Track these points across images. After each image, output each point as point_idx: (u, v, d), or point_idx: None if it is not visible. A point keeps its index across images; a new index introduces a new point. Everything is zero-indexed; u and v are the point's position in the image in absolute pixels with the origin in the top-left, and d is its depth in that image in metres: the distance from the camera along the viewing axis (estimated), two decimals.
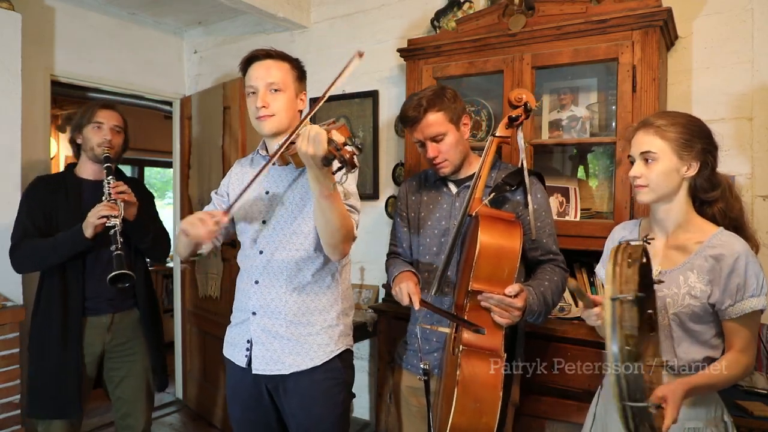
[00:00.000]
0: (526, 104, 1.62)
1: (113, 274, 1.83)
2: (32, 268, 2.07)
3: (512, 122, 1.64)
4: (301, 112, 1.63)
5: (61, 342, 1.98)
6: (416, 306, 1.52)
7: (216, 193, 1.75)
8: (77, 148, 2.15)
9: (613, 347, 1.02)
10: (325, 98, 1.42)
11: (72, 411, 2.00)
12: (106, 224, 1.90)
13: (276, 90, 1.53)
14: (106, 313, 2.07)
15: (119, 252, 1.88)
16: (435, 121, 1.62)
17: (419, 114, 1.62)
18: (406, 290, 1.56)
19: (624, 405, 1.02)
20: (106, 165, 2.03)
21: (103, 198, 1.96)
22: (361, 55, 1.32)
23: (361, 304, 2.97)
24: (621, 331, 1.02)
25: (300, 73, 1.62)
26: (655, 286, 1.26)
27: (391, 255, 1.89)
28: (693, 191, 1.34)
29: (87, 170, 2.13)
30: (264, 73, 1.53)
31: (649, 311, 1.24)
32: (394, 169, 2.96)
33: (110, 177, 2.00)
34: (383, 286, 1.77)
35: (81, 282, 2.02)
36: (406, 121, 1.67)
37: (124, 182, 2.05)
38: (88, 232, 1.90)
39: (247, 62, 1.57)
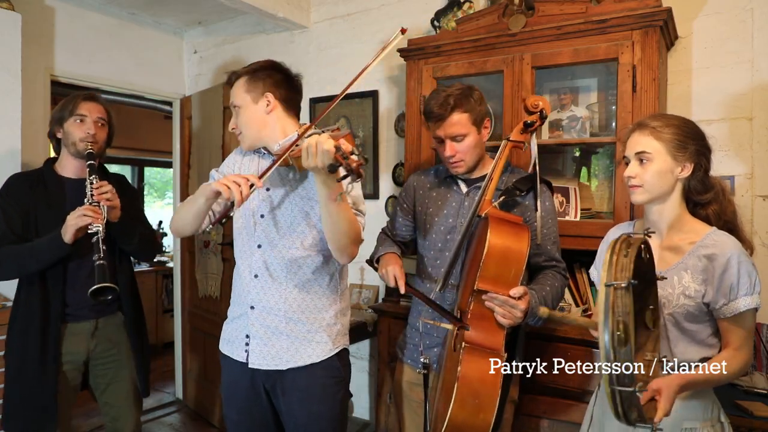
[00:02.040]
0: (542, 111, 1.65)
1: (94, 287, 1.72)
2: (10, 275, 1.94)
3: (527, 128, 1.66)
4: (270, 114, 1.61)
5: (39, 352, 1.88)
6: (402, 290, 1.57)
7: (217, 171, 1.72)
8: (57, 143, 2.02)
9: (604, 332, 1.04)
10: (344, 92, 1.45)
11: (47, 424, 1.90)
12: (88, 230, 1.79)
13: (235, 106, 1.57)
14: (89, 319, 1.97)
15: (102, 262, 1.75)
16: (459, 121, 1.63)
17: (445, 112, 1.63)
18: (392, 273, 1.60)
19: (613, 389, 1.04)
20: (89, 163, 1.90)
21: (85, 200, 1.84)
22: (403, 31, 1.33)
23: (361, 304, 2.97)
24: (613, 317, 1.04)
25: (254, 77, 1.61)
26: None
27: (383, 233, 1.93)
28: (686, 193, 1.36)
29: (68, 167, 2.00)
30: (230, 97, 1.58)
31: (651, 307, 1.25)
32: (394, 169, 2.96)
33: (93, 177, 1.88)
34: (369, 261, 1.81)
35: (61, 289, 1.91)
36: (431, 116, 1.67)
37: (107, 181, 1.93)
38: (68, 237, 1.79)
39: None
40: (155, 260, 5.22)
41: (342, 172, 1.19)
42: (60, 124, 1.98)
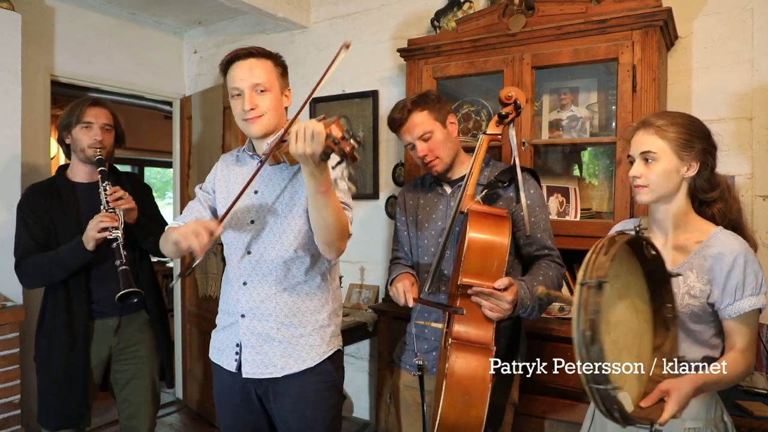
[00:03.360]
0: (515, 101, 1.63)
1: (120, 293, 1.78)
2: (39, 284, 2.01)
3: (502, 119, 1.65)
4: (287, 109, 1.61)
5: (68, 348, 1.93)
6: (410, 303, 1.56)
7: (200, 188, 1.69)
8: (67, 149, 2.06)
9: (576, 331, 1.03)
10: (313, 95, 1.42)
11: (81, 419, 1.96)
12: (108, 237, 1.84)
13: (262, 90, 1.49)
14: (113, 315, 2.01)
15: (124, 267, 1.81)
16: (420, 120, 1.66)
17: (404, 115, 1.68)
18: (402, 289, 1.59)
19: (590, 387, 1.04)
20: (100, 169, 1.95)
21: (101, 207, 1.89)
22: (347, 46, 1.32)
23: (361, 304, 2.97)
24: (585, 316, 1.03)
25: (283, 69, 1.59)
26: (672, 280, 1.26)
27: (394, 261, 1.90)
28: (692, 191, 1.34)
29: (79, 172, 2.05)
30: (248, 74, 1.48)
31: (669, 305, 1.24)
32: (394, 169, 2.96)
33: (106, 183, 1.92)
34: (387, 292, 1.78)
35: (86, 286, 1.96)
36: (393, 124, 1.72)
37: (119, 180, 1.97)
38: (90, 245, 1.84)
39: (228, 62, 1.53)
40: (155, 260, 5.22)
41: (335, 159, 1.14)
42: (68, 130, 2.01)
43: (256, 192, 1.56)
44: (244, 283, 1.54)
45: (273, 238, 1.52)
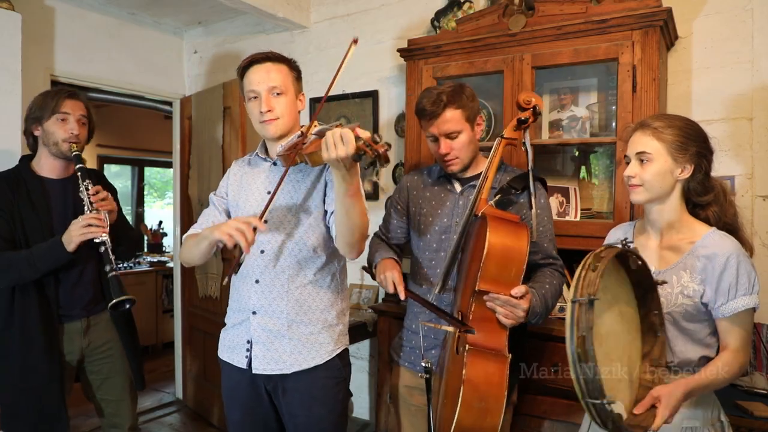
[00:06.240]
0: (534, 107, 1.64)
1: (115, 301, 1.73)
2: (6, 284, 1.86)
3: (521, 125, 1.66)
4: (299, 113, 1.65)
5: (45, 352, 1.87)
6: (401, 296, 1.54)
7: (215, 194, 1.74)
8: (33, 141, 1.94)
9: (570, 348, 1.06)
10: (329, 93, 1.43)
11: (60, 425, 1.92)
12: (95, 240, 1.79)
13: (278, 93, 1.55)
14: (80, 318, 1.97)
15: (115, 273, 1.76)
16: (452, 117, 1.64)
17: (438, 109, 1.63)
18: (391, 279, 1.57)
19: (586, 402, 1.07)
20: (78, 166, 1.86)
21: (85, 208, 1.83)
22: (356, 41, 1.33)
23: (361, 304, 2.97)
24: (577, 332, 1.05)
25: (297, 73, 1.64)
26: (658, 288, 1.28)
27: (377, 237, 1.90)
28: (686, 194, 1.36)
29: (48, 167, 1.94)
30: (265, 77, 1.54)
31: (655, 312, 1.25)
32: (394, 169, 2.96)
33: (87, 182, 1.85)
34: (367, 268, 1.76)
35: (55, 290, 1.90)
36: (424, 114, 1.67)
37: (91, 178, 1.90)
38: (72, 246, 1.77)
39: (245, 67, 1.58)
40: (155, 260, 5.23)
41: (366, 160, 1.19)
42: (39, 122, 1.90)
43: (268, 193, 1.58)
44: (257, 281, 1.57)
45: (286, 238, 1.54)
